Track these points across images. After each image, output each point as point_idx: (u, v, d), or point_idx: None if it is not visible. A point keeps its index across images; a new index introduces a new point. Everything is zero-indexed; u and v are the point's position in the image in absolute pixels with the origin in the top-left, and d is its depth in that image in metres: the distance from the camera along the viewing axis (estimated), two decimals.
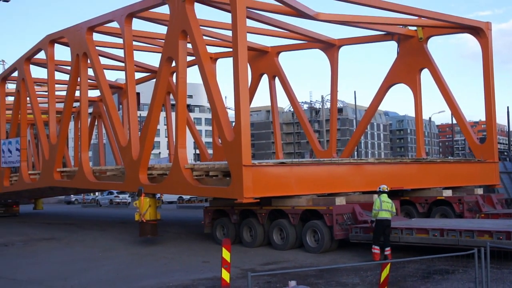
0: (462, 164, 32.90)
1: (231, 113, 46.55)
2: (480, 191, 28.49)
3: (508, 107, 71.84)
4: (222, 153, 29.51)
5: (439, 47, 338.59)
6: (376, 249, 19.00)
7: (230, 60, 23.68)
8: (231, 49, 26.44)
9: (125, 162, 29.02)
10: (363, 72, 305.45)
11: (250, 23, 29.79)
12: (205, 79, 24.17)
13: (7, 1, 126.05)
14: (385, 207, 19.38)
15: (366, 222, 21.64)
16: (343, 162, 27.36)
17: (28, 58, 37.94)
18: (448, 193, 27.32)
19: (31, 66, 38.57)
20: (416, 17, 30.36)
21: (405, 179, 27.66)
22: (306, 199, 23.37)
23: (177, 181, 25.34)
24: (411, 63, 33.19)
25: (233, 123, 23.04)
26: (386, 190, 20.04)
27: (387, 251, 19.05)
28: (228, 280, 14.83)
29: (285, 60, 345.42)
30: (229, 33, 29.21)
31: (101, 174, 32.98)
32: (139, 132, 29.41)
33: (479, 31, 30.91)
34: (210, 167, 25.29)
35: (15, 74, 40.43)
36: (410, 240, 19.82)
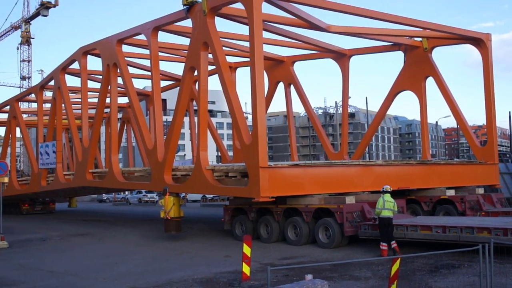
0: (464, 165, 32.73)
1: (250, 118, 46.66)
2: (481, 191, 28.41)
3: (510, 112, 70.89)
4: (241, 155, 29.66)
5: (445, 56, 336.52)
6: (384, 246, 19.08)
7: (249, 69, 23.83)
8: (249, 59, 26.56)
9: (151, 164, 29.07)
10: (374, 80, 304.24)
11: (267, 34, 29.98)
12: (224, 87, 24.33)
13: (46, 16, 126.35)
14: (387, 206, 19.48)
15: (375, 220, 21.73)
16: (353, 163, 27.39)
17: (64, 68, 38.04)
18: (451, 192, 27.20)
19: (66, 75, 38.66)
20: (421, 29, 30.41)
21: (411, 179, 27.64)
22: (318, 198, 23.37)
23: (199, 182, 25.44)
24: (417, 72, 33.11)
25: (251, 128, 23.16)
26: (389, 190, 20.11)
27: (393, 244, 19.08)
28: (248, 274, 15.04)
29: (302, 68, 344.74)
30: (248, 44, 29.39)
31: (129, 174, 33.06)
32: (164, 136, 29.55)
33: (480, 42, 30.85)
34: (229, 168, 25.41)
35: (52, 83, 40.58)
36: (415, 236, 19.82)
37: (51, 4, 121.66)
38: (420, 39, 32.44)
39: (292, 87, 38.74)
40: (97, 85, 37.52)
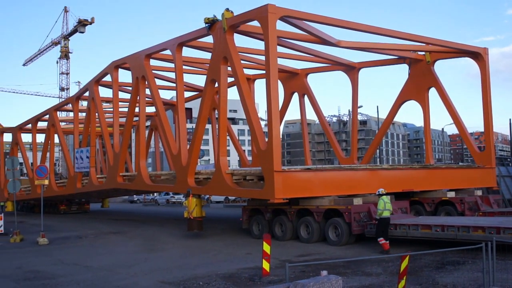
0: (463, 169, 32.70)
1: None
2: (479, 193, 28.36)
3: (510, 119, 70.12)
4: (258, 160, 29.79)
5: (451, 67, 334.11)
6: (382, 240, 19.31)
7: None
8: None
9: (175, 168, 29.27)
10: (385, 90, 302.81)
11: (282, 49, 30.14)
12: (242, 98, 24.45)
13: (83, 32, 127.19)
14: (387, 207, 19.75)
15: None
16: (361, 168, 27.43)
17: (97, 81, 38.36)
18: (451, 194, 27.19)
19: (99, 87, 38.98)
20: (424, 44, 30.39)
21: (414, 182, 27.67)
22: (328, 199, 23.43)
23: (219, 184, 25.56)
24: (420, 83, 33.14)
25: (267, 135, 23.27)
26: (385, 193, 20.29)
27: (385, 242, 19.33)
28: (268, 270, 15.12)
29: (318, 79, 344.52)
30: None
31: (156, 178, 33.23)
32: (189, 142, 29.74)
33: (478, 55, 30.82)
34: (247, 172, 25.54)
35: (87, 94, 40.89)
36: (416, 234, 19.87)
37: (88, 21, 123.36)
38: (423, 53, 32.50)
39: (306, 97, 38.84)
40: (127, 96, 37.83)
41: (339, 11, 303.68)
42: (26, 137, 55.26)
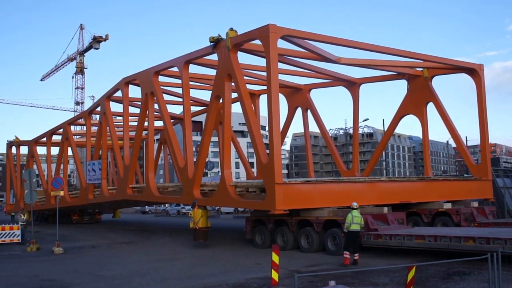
0: (460, 181, 32.90)
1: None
2: (475, 204, 28.53)
3: None
4: None
5: (452, 80, 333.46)
6: (346, 254, 19.20)
7: None
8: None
9: (182, 180, 29.60)
10: (390, 103, 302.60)
11: (285, 65, 30.57)
12: (245, 113, 24.78)
13: (97, 49, 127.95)
14: (355, 221, 19.71)
15: (377, 230, 22.00)
16: (359, 180, 27.71)
17: (108, 96, 38.89)
18: (448, 206, 27.36)
19: (110, 102, 39.50)
20: (422, 61, 30.71)
21: (412, 194, 27.89)
22: (327, 211, 23.69)
23: (223, 196, 25.89)
24: (419, 98, 33.38)
25: None
26: (356, 207, 20.24)
27: (356, 256, 19.29)
28: (277, 279, 15.06)
29: (325, 93, 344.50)
30: None
31: (164, 189, 33.53)
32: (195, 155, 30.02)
33: (474, 71, 31.12)
34: (249, 184, 25.96)
35: (98, 109, 41.48)
36: (411, 244, 20.04)
37: (102, 38, 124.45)
38: (421, 69, 32.77)
39: (309, 111, 39.11)
40: (137, 111, 38.25)
41: (341, 27, 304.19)
42: (41, 150, 55.89)
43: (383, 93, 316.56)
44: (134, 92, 36.45)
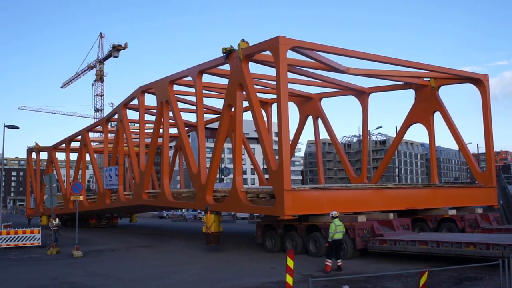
0: (465, 188, 33.09)
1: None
2: (480, 211, 28.70)
3: None
4: None
5: (461, 89, 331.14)
6: (328, 262, 19.14)
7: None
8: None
9: (195, 186, 29.95)
10: (405, 111, 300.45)
11: (296, 76, 30.94)
12: (256, 122, 25.18)
13: (116, 57, 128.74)
14: (338, 229, 19.65)
15: (382, 235, 22.32)
16: (366, 187, 27.96)
17: (125, 104, 39.33)
18: (452, 212, 27.60)
19: (127, 110, 39.85)
20: (429, 71, 30.96)
21: (418, 200, 28.14)
22: None
23: (235, 201, 26.27)
24: (426, 107, 33.69)
25: None
26: (337, 216, 20.10)
27: (339, 262, 19.40)
28: (291, 284, 14.75)
29: (340, 101, 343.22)
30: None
31: (178, 195, 33.82)
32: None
33: (479, 81, 31.34)
34: (259, 190, 26.30)
35: (115, 116, 42.02)
36: (414, 250, 20.33)
37: (121, 46, 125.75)
38: (428, 79, 33.05)
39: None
40: (153, 118, 38.71)
41: (353, 33, 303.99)
42: (60, 156, 56.67)
43: (398, 101, 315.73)
44: (150, 100, 36.92)
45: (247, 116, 29.03)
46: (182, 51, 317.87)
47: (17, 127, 38.63)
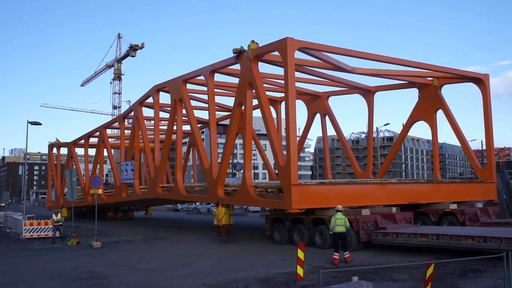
0: (466, 184, 33.13)
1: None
2: (480, 205, 28.76)
3: None
4: None
5: (465, 88, 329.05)
6: (336, 255, 19.01)
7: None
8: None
9: (207, 180, 30.21)
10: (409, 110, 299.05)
11: (304, 75, 31.07)
12: (265, 120, 25.44)
13: (134, 56, 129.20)
14: (338, 223, 19.55)
15: (385, 228, 22.47)
16: (370, 182, 28.09)
17: (141, 102, 39.76)
18: (453, 206, 27.69)
19: (142, 108, 40.32)
20: (432, 71, 31.01)
21: (420, 195, 28.25)
22: None
23: (244, 195, 26.56)
24: (429, 105, 33.74)
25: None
26: (340, 210, 20.08)
27: (346, 254, 19.30)
28: (302, 275, 15.28)
29: (349, 99, 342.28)
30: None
31: (190, 189, 34.14)
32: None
33: (480, 81, 31.37)
34: (268, 185, 26.52)
35: (132, 114, 42.54)
36: (415, 242, 20.48)
37: (138, 46, 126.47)
38: (431, 78, 33.10)
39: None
40: (167, 116, 38.95)
41: (357, 36, 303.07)
42: (79, 151, 57.14)
43: (405, 99, 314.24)
44: (164, 98, 37.22)
45: (259, 113, 29.30)
46: (195, 50, 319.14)
47: (39, 124, 38.96)
